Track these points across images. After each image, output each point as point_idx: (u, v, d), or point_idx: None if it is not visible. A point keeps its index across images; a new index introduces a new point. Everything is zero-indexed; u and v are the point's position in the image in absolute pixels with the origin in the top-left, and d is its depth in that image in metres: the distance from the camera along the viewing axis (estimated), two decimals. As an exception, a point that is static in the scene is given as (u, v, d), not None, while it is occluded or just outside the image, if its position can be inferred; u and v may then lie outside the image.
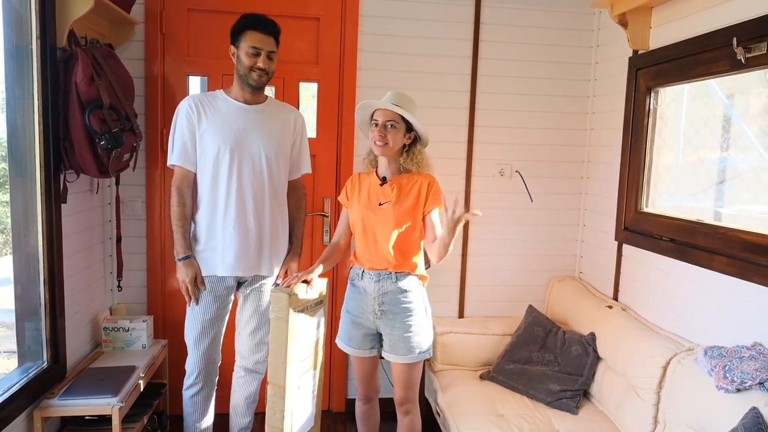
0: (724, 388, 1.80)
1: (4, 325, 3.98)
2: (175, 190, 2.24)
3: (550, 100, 3.07)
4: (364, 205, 2.19)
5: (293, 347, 2.01)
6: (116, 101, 2.34)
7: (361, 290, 2.21)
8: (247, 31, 2.15)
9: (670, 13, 2.42)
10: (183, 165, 2.23)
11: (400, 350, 2.15)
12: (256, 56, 2.16)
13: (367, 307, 2.20)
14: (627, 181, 2.67)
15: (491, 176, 3.07)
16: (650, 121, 2.56)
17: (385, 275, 2.16)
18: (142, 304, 2.90)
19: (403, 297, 2.15)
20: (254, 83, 2.21)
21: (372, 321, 2.20)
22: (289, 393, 2.01)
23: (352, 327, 2.25)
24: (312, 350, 2.17)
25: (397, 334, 2.15)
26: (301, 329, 2.06)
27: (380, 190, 2.18)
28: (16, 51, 2.07)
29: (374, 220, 2.16)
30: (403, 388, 2.22)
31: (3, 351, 3.65)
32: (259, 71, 2.18)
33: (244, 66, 2.17)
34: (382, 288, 2.16)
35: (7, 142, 2.11)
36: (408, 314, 2.15)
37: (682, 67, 2.30)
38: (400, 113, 2.09)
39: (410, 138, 2.16)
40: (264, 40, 2.17)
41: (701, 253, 2.15)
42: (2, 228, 3.39)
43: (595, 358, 2.60)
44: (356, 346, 2.25)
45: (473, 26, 2.95)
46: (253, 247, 2.27)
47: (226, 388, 2.55)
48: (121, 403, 2.15)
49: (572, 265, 3.22)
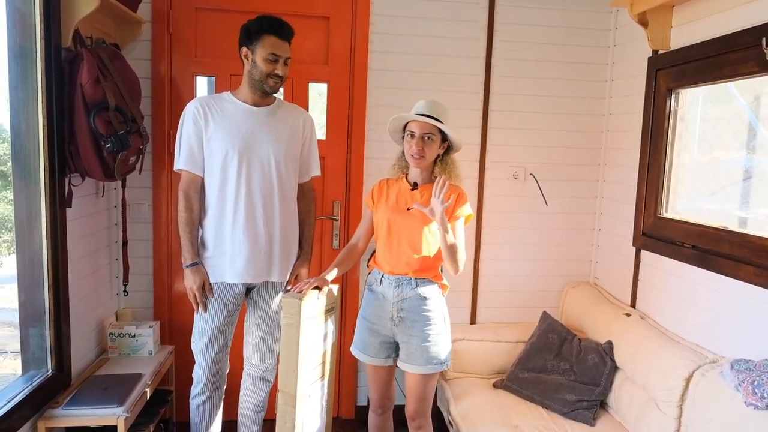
0: (754, 405, 1.73)
1: (11, 325, 3.95)
2: (182, 195, 2.18)
3: (566, 101, 2.99)
4: (391, 208, 2.14)
5: (304, 355, 1.96)
6: (122, 103, 2.28)
7: (379, 296, 2.16)
8: (265, 35, 2.08)
9: (692, 12, 2.34)
10: (190, 169, 2.17)
11: (416, 360, 2.09)
12: (275, 63, 2.10)
13: (385, 313, 2.14)
14: (646, 185, 2.59)
15: (505, 179, 3.00)
16: (670, 124, 2.48)
17: (405, 280, 2.10)
18: (148, 309, 2.85)
19: (422, 304, 2.10)
20: (270, 90, 2.16)
21: (389, 328, 2.14)
22: (300, 402, 1.96)
23: (368, 334, 2.19)
24: (322, 359, 2.11)
25: (414, 343, 2.09)
26: (312, 336, 2.00)
27: (410, 195, 2.13)
28: (20, 52, 2.01)
29: (400, 224, 2.11)
30: (416, 401, 2.15)
31: (10, 351, 3.63)
32: (276, 78, 2.13)
33: (261, 72, 2.11)
34: (402, 294, 2.10)
35: (11, 145, 2.06)
36: (427, 323, 2.09)
37: (706, 68, 2.22)
38: (439, 126, 2.05)
39: (444, 147, 2.12)
40: (282, 47, 2.12)
41: (726, 261, 2.07)
42: (9, 226, 3.36)
43: (613, 368, 2.52)
44: (372, 354, 2.19)
45: (487, 26, 2.88)
46: (262, 253, 2.21)
47: (233, 394, 2.50)
48: (126, 413, 2.10)
49: (587, 270, 3.14)
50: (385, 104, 2.86)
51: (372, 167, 2.90)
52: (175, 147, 2.22)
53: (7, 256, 3.54)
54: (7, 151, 2.99)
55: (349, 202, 2.92)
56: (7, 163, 2.99)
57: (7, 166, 3.00)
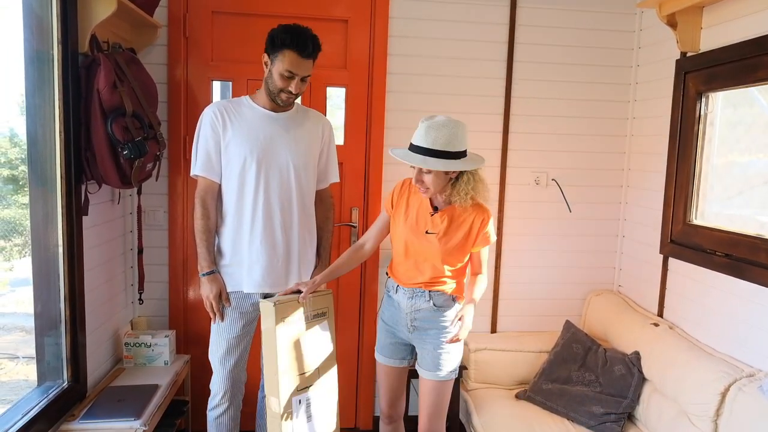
0: (798, 422, 1.65)
1: (23, 330, 3.92)
2: (198, 201, 2.12)
3: (589, 104, 2.92)
4: (410, 228, 2.05)
5: (286, 359, 1.91)
6: (139, 108, 2.24)
7: (395, 303, 2.13)
8: (286, 49, 1.98)
9: (723, 13, 2.27)
10: (207, 175, 2.11)
11: (429, 366, 2.08)
12: (290, 79, 2.01)
13: (401, 320, 2.12)
14: (674, 191, 2.52)
15: (526, 185, 2.93)
16: (700, 128, 2.41)
17: (419, 293, 2.06)
18: (163, 318, 2.80)
19: (437, 315, 2.07)
20: (281, 103, 2.10)
21: (406, 334, 2.13)
22: (286, 406, 1.90)
23: (385, 335, 2.19)
24: (318, 365, 2.04)
25: (428, 350, 2.08)
26: (296, 341, 1.95)
27: (430, 219, 2.03)
28: (37, 57, 1.97)
29: (418, 247, 2.04)
30: (428, 410, 2.10)
31: (22, 356, 3.59)
32: (288, 94, 2.05)
33: (275, 85, 2.04)
34: (415, 305, 2.07)
35: (27, 152, 2.02)
36: (442, 332, 2.07)
37: (739, 70, 2.15)
38: (426, 167, 1.88)
39: (454, 173, 1.94)
40: (302, 65, 2.01)
41: (763, 270, 1.99)
42: (21, 230, 3.33)
43: (641, 379, 2.45)
44: (388, 355, 2.18)
45: (508, 28, 2.82)
46: (281, 262, 2.15)
47: (250, 405, 2.45)
48: (144, 427, 2.04)
49: (610, 278, 3.06)
50: (404, 108, 2.81)
51: (391, 173, 2.84)
52: (192, 152, 2.15)
53: (18, 260, 3.52)
54: (18, 155, 2.97)
55: (368, 208, 2.86)
56: (18, 167, 2.97)
57: (19, 170, 2.98)
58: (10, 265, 3.44)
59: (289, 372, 1.93)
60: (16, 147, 2.91)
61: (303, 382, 1.98)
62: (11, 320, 3.93)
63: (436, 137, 1.86)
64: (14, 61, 2.38)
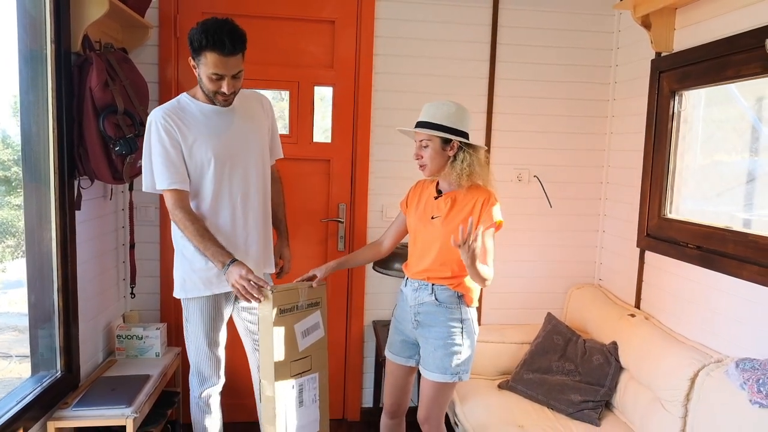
0: (759, 403, 1.74)
1: (16, 329, 3.96)
2: (178, 212, 1.98)
3: (569, 103, 3.01)
4: (419, 217, 2.11)
5: (280, 345, 1.97)
6: (130, 106, 2.31)
7: (404, 297, 2.18)
8: (206, 51, 1.87)
9: (695, 14, 2.36)
10: (180, 187, 1.99)
11: (428, 366, 2.08)
12: (220, 80, 1.92)
13: (407, 315, 2.14)
14: (650, 187, 2.61)
15: (509, 181, 3.02)
16: (674, 125, 2.50)
17: (423, 285, 2.08)
18: (155, 311, 2.87)
19: (439, 311, 2.06)
20: (221, 105, 2.02)
21: (411, 330, 2.15)
22: (279, 392, 1.98)
23: (394, 331, 2.23)
24: (310, 352, 2.11)
25: (428, 349, 2.08)
26: (290, 328, 2.01)
27: (434, 203, 2.08)
28: (31, 55, 2.04)
29: (424, 234, 2.08)
30: (426, 406, 2.13)
31: (15, 355, 3.63)
32: (224, 95, 1.97)
33: (208, 88, 1.96)
34: (419, 298, 2.09)
35: (21, 149, 2.08)
36: (442, 330, 2.05)
37: (709, 69, 2.24)
38: (420, 131, 1.98)
39: (452, 149, 2.00)
40: (227, 63, 1.89)
41: (731, 261, 2.08)
42: (13, 231, 3.35)
43: (618, 368, 2.54)
44: (395, 351, 2.22)
45: (491, 29, 2.91)
46: (251, 256, 2.14)
47: (245, 396, 2.51)
48: (135, 414, 2.11)
49: (591, 272, 3.15)
50: (390, 107, 2.89)
51: (377, 169, 2.92)
52: (145, 165, 2.02)
53: (11, 261, 3.55)
54: (11, 156, 2.99)
55: (355, 204, 2.94)
56: (11, 168, 2.99)
57: (12, 171, 3.01)
58: (2, 267, 3.46)
59: (284, 358, 1.99)
60: (8, 148, 2.93)
61: (296, 368, 2.04)
62: (4, 320, 3.96)
63: (435, 113, 1.98)
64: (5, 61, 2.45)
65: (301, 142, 2.91)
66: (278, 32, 2.83)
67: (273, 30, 2.82)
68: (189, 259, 2.10)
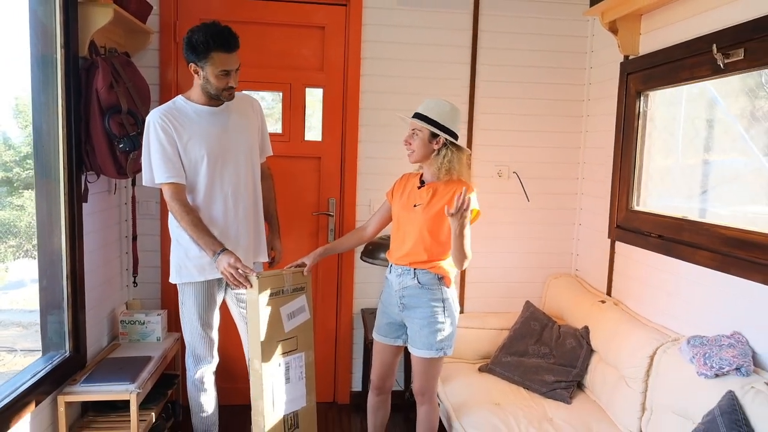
0: (704, 374, 1.92)
1: (20, 325, 4.11)
2: (175, 203, 2.17)
3: (547, 103, 3.19)
4: (402, 206, 2.30)
5: (267, 326, 2.14)
6: (133, 106, 2.49)
7: (389, 283, 2.35)
8: (213, 52, 2.09)
9: (658, 20, 2.54)
10: (177, 180, 2.18)
11: (416, 344, 2.26)
12: (227, 76, 2.14)
13: (393, 299, 2.33)
14: (619, 181, 2.79)
15: (490, 177, 3.20)
16: (640, 124, 2.68)
17: (406, 271, 2.25)
18: (155, 300, 3.05)
19: (422, 293, 2.24)
20: (226, 99, 2.23)
21: (397, 313, 2.33)
22: (266, 369, 2.14)
23: (380, 315, 2.41)
24: (296, 333, 2.26)
25: (414, 328, 2.26)
26: (277, 311, 2.18)
27: (417, 192, 2.28)
28: (42, 60, 2.22)
29: (406, 221, 2.27)
30: (418, 380, 2.33)
31: (20, 349, 3.79)
32: (231, 90, 2.19)
33: (214, 87, 2.16)
34: (402, 282, 2.27)
35: (33, 146, 2.26)
36: (426, 310, 2.23)
37: (669, 71, 2.42)
38: (413, 121, 2.19)
39: (439, 143, 2.19)
40: (231, 59, 2.13)
41: (686, 248, 2.26)
42: (15, 231, 3.46)
43: (589, 351, 2.71)
44: (382, 333, 2.40)
45: (471, 33, 3.09)
46: (241, 246, 2.31)
47: (239, 380, 2.69)
48: (138, 390, 2.29)
49: (569, 262, 3.33)
50: (376, 107, 3.07)
51: (365, 166, 3.10)
52: (144, 161, 2.21)
53: (12, 261, 3.65)
54: (13, 157, 3.11)
55: (344, 199, 3.12)
56: (13, 169, 3.12)
57: (13, 172, 3.13)
58: (5, 267, 3.58)
59: (270, 337, 2.16)
60: (10, 150, 3.07)
61: (284, 347, 2.22)
62: (8, 316, 4.11)
63: (431, 108, 2.20)
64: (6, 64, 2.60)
65: (293, 140, 3.09)
66: (272, 37, 3.02)
67: (267, 35, 3.01)
68: (184, 247, 2.28)
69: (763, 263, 1.88)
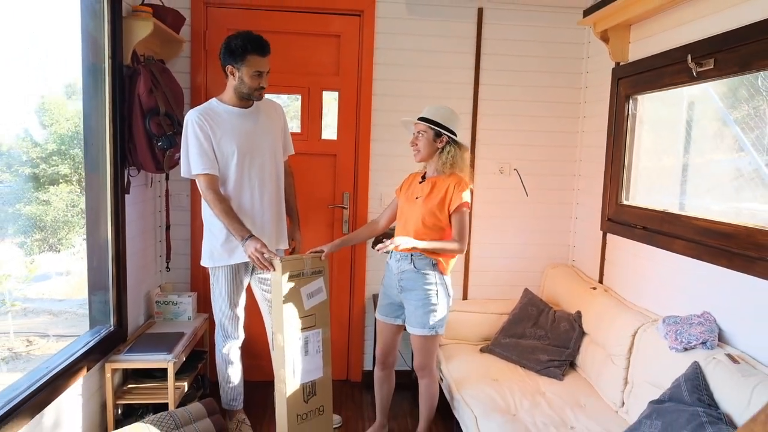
0: (675, 348, 2.16)
1: (51, 313, 4.41)
2: (209, 193, 2.43)
3: (546, 105, 3.43)
4: (406, 199, 2.59)
5: (289, 305, 2.40)
6: (170, 109, 2.78)
7: (390, 268, 2.63)
8: (249, 55, 2.40)
9: (645, 30, 2.77)
10: (211, 172, 2.45)
11: (412, 323, 2.54)
12: (260, 77, 2.45)
13: (393, 282, 2.60)
14: (610, 177, 3.03)
15: (492, 174, 3.45)
16: (629, 125, 2.91)
17: (404, 256, 2.52)
18: (186, 284, 3.35)
19: (418, 277, 2.50)
20: (257, 99, 2.54)
21: (396, 294, 2.60)
22: (288, 341, 2.41)
23: (382, 296, 2.69)
24: (314, 311, 2.52)
25: (410, 309, 2.54)
26: (297, 291, 2.44)
27: (419, 186, 2.56)
28: (93, 68, 2.52)
29: (408, 212, 2.55)
30: (417, 357, 2.60)
31: (52, 335, 4.10)
32: (261, 90, 2.49)
33: (248, 86, 2.45)
34: (400, 267, 2.54)
35: (83, 143, 2.56)
36: (421, 293, 2.49)
37: (653, 77, 2.65)
38: (418, 122, 2.48)
39: (442, 142, 2.47)
40: (264, 62, 2.44)
41: (665, 238, 2.50)
42: (41, 225, 3.67)
43: (581, 333, 2.96)
44: (383, 313, 2.68)
45: (475, 41, 3.34)
46: (266, 233, 2.58)
47: (262, 358, 3.01)
48: (174, 359, 2.58)
49: (566, 253, 3.57)
50: (387, 109, 3.33)
51: (377, 163, 3.37)
52: (183, 155, 2.48)
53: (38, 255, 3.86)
54: (39, 154, 3.31)
55: (357, 193, 3.39)
56: (39, 165, 3.34)
57: (40, 168, 3.35)
58: (31, 259, 3.78)
59: (292, 314, 2.44)
60: (37, 147, 3.28)
61: (303, 323, 2.49)
62: (39, 305, 4.43)
63: (433, 112, 2.49)
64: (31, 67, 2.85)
65: (311, 139, 3.37)
66: (292, 45, 3.30)
67: (287, 43, 3.29)
68: (216, 235, 2.58)
69: (728, 250, 2.12)
